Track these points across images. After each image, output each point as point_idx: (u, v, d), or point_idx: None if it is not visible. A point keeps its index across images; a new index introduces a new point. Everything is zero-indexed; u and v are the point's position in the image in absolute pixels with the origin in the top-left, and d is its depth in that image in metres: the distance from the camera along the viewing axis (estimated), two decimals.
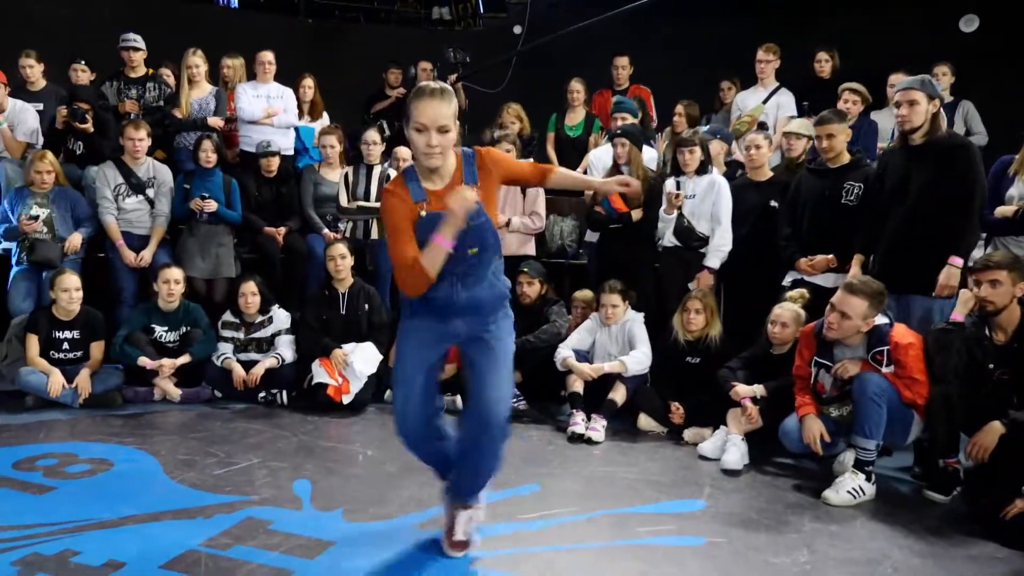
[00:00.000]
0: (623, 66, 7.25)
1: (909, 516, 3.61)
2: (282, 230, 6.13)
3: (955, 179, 4.18)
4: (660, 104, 7.18)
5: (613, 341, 4.91)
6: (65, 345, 5.04)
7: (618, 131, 5.34)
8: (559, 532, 3.35)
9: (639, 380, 4.82)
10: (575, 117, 7.05)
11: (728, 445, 4.19)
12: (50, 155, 5.58)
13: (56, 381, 4.83)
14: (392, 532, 3.28)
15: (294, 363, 5.28)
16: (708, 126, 6.35)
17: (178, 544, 3.10)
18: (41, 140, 6.08)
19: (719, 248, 5.07)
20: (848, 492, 3.73)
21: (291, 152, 6.83)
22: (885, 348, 3.83)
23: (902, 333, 3.90)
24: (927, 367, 3.84)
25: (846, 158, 4.70)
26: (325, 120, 7.28)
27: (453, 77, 7.45)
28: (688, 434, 4.56)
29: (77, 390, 4.88)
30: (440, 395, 3.07)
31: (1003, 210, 4.52)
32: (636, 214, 5.20)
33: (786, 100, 6.46)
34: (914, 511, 3.68)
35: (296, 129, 6.92)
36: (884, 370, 3.82)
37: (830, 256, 4.67)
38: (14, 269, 5.49)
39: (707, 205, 5.10)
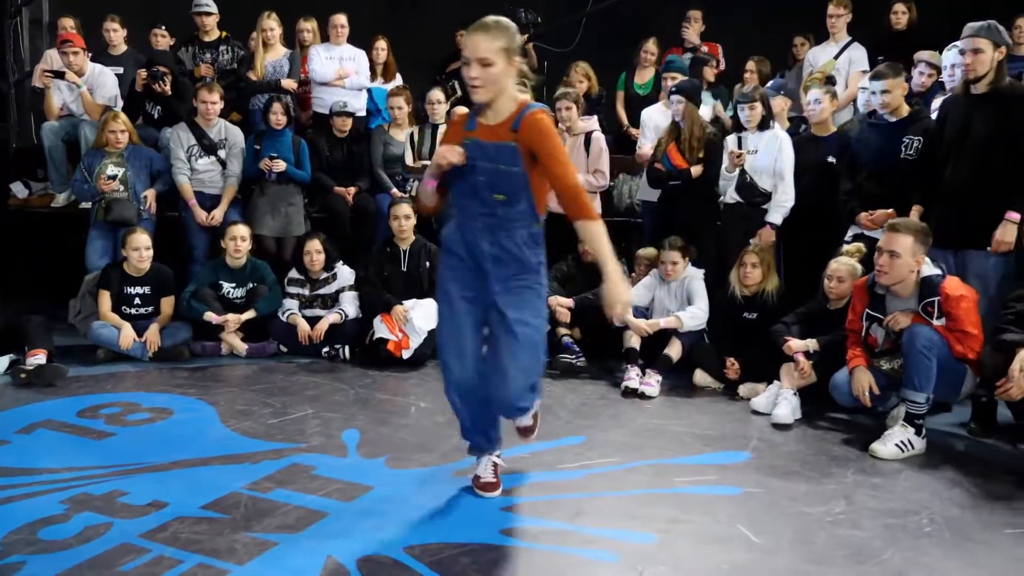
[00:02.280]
0: (696, 19, 7.08)
1: (957, 470, 3.52)
2: (352, 190, 6.14)
3: (1017, 131, 4.03)
4: (733, 61, 7.02)
5: (672, 298, 4.86)
6: (136, 301, 5.17)
7: (674, 89, 5.25)
8: (596, 480, 3.33)
9: (696, 336, 4.76)
10: (645, 75, 6.96)
11: (779, 399, 4.14)
12: (122, 115, 5.73)
13: (127, 335, 4.96)
14: (431, 478, 3.29)
15: (357, 319, 5.28)
16: (772, 82, 6.24)
17: (222, 487, 3.14)
18: (120, 104, 6.24)
19: (781, 204, 5.00)
20: (896, 445, 3.64)
21: (363, 113, 6.82)
22: (936, 299, 3.70)
23: (954, 285, 3.76)
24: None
25: (905, 111, 4.58)
26: (398, 81, 7.24)
27: (523, 37, 7.30)
28: (743, 389, 4.50)
29: (146, 344, 4.99)
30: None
31: None
32: (696, 170, 5.12)
33: (858, 55, 6.20)
34: (963, 466, 3.58)
35: (368, 90, 6.91)
36: (935, 323, 3.70)
37: (890, 210, 4.50)
38: (92, 228, 5.65)
39: (769, 161, 5.01)
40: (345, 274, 5.41)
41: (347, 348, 5.18)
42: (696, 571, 2.62)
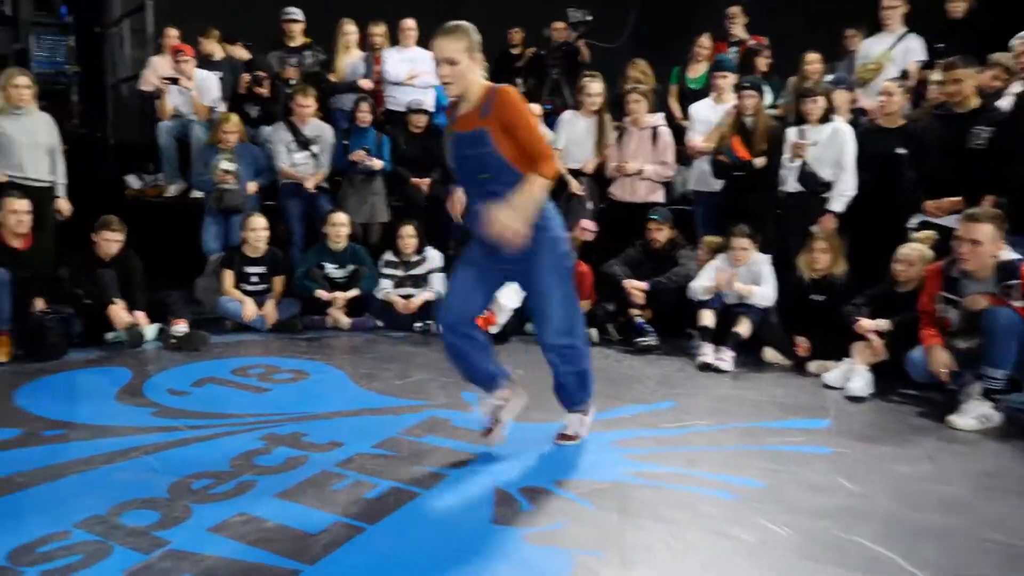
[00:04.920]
0: (735, 15, 7.38)
1: None
2: (426, 180, 6.75)
3: None
4: (783, 53, 7.19)
5: (741, 280, 5.24)
6: (253, 279, 5.87)
7: (746, 83, 5.65)
8: (695, 438, 3.84)
9: (763, 315, 5.16)
10: (698, 70, 7.22)
11: (853, 374, 4.47)
12: (235, 116, 6.40)
13: (249, 308, 5.67)
14: (551, 432, 3.80)
15: None
16: (832, 76, 6.46)
17: (380, 432, 3.78)
18: (223, 105, 6.92)
19: (843, 193, 5.29)
20: (975, 418, 3.90)
21: (433, 109, 7.44)
22: (1016, 282, 3.94)
23: None
24: None
25: (974, 102, 4.79)
26: None
27: (575, 35, 7.88)
28: (813, 366, 4.84)
29: (265, 317, 5.69)
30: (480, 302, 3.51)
31: None
32: (760, 162, 5.51)
33: (915, 45, 6.27)
34: None
35: (435, 88, 7.51)
36: (1016, 304, 3.93)
37: (957, 199, 4.76)
38: (206, 215, 6.35)
39: (830, 152, 5.30)
40: (434, 256, 6.09)
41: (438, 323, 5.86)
42: (804, 510, 3.01)
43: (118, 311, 5.15)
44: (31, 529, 2.74)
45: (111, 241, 5.35)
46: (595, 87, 6.22)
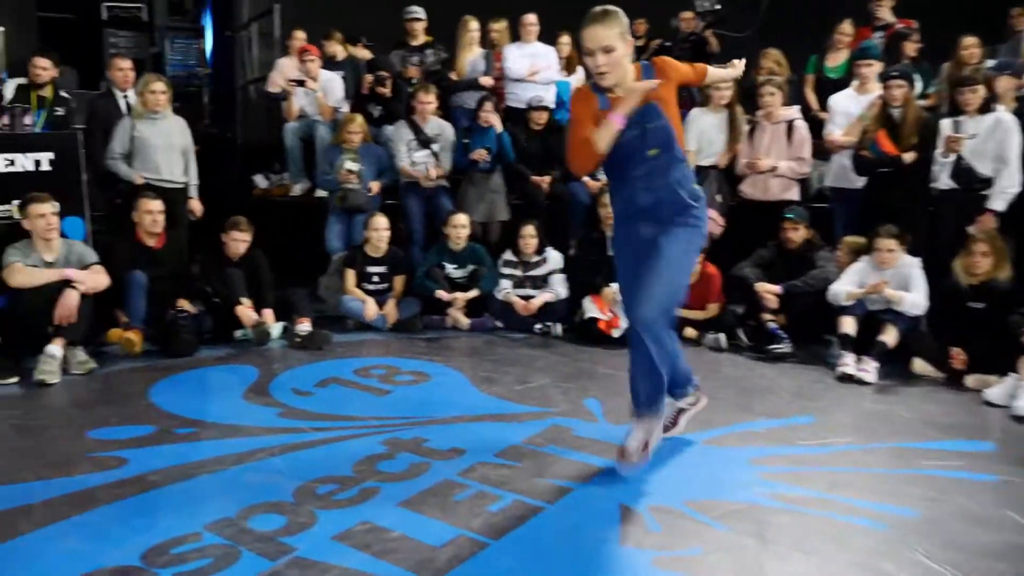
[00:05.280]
0: None
1: None
2: (547, 179, 6.64)
3: None
4: (934, 36, 6.79)
5: (888, 287, 4.87)
6: (375, 278, 5.89)
7: (894, 72, 5.27)
8: (838, 457, 3.56)
9: (911, 323, 4.80)
10: (838, 58, 6.88)
11: (1020, 391, 4.09)
12: (359, 117, 6.45)
13: (371, 308, 5.69)
14: (682, 444, 3.66)
15: (567, 299, 5.81)
16: (995, 60, 6.02)
17: (503, 440, 3.68)
18: (346, 105, 7.00)
19: (1005, 190, 4.92)
20: None
21: (554, 106, 7.31)
22: None
23: None
24: None
25: None
26: (580, 74, 7.70)
27: (703, 24, 7.58)
28: (971, 380, 4.47)
29: (386, 316, 5.70)
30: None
31: None
32: (909, 157, 5.13)
33: None
34: None
35: (557, 84, 7.38)
36: None
37: None
38: (330, 214, 6.43)
39: (991, 145, 4.94)
40: (554, 257, 5.96)
41: (558, 325, 5.73)
42: (969, 547, 2.72)
43: (245, 310, 5.27)
44: (164, 529, 2.78)
45: (239, 241, 5.48)
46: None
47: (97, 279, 4.76)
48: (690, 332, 5.43)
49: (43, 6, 9.40)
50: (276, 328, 5.36)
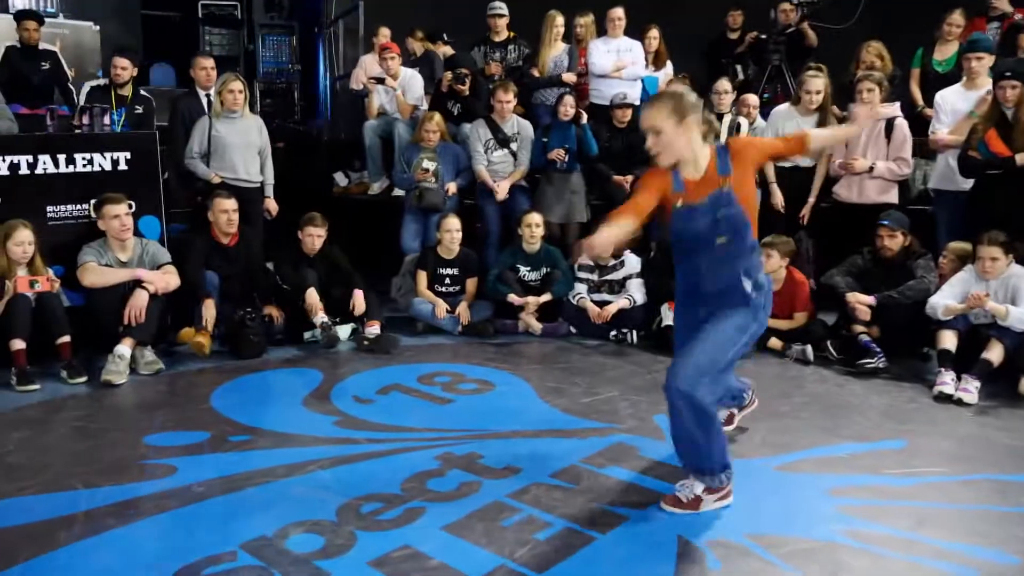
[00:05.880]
0: None
1: None
2: (629, 178, 6.39)
3: None
4: None
5: (993, 297, 4.52)
6: (447, 280, 5.79)
7: (1007, 72, 4.84)
8: (928, 490, 3.27)
9: (1018, 339, 4.40)
10: (947, 51, 6.48)
11: None
12: (437, 116, 6.36)
13: (441, 309, 5.60)
14: (755, 470, 3.41)
15: (644, 305, 5.57)
16: None
17: (562, 458, 3.51)
18: (425, 104, 6.93)
19: None
20: None
21: (639, 103, 7.06)
22: None
23: None
24: None
25: None
26: (669, 69, 7.42)
27: (799, 16, 7.19)
28: None
29: (457, 318, 5.59)
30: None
31: None
32: (1021, 158, 4.73)
33: None
34: None
35: (644, 80, 7.13)
36: None
37: None
38: (406, 214, 6.37)
39: None
40: (632, 262, 5.72)
41: (634, 332, 5.50)
42: None
43: (313, 295, 5.21)
44: (200, 546, 2.73)
45: (314, 236, 5.46)
46: (816, 83, 5.68)
47: (168, 280, 4.82)
48: (775, 343, 5.15)
49: (147, 4, 9.71)
50: (344, 331, 5.33)
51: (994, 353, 4.37)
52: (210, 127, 5.69)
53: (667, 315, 5.33)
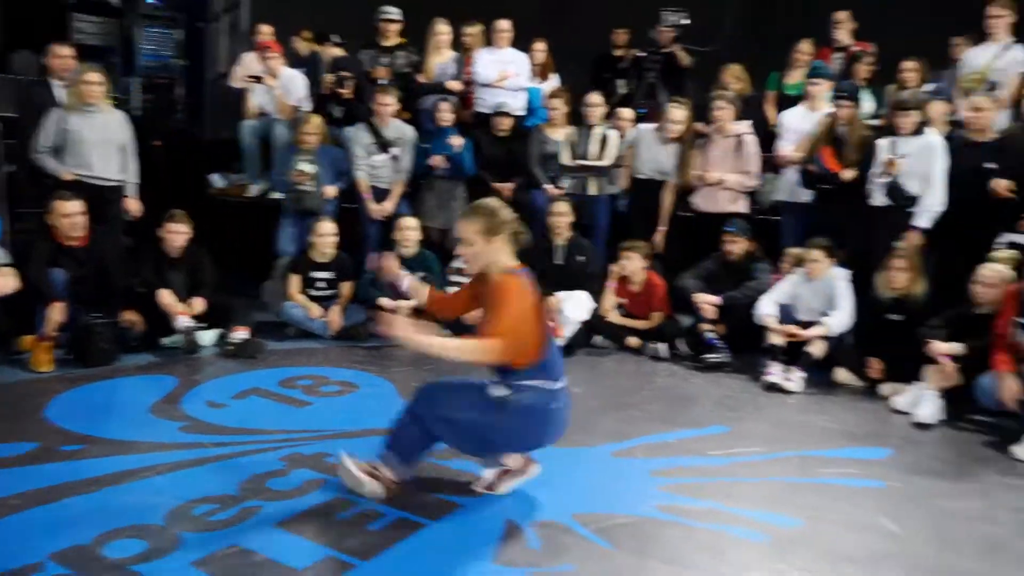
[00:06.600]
0: (842, 20, 6.96)
1: None
2: (510, 186, 6.49)
3: None
4: (891, 60, 6.73)
5: (815, 296, 5.01)
6: (320, 284, 5.76)
7: (843, 92, 5.31)
8: (740, 468, 3.59)
9: (838, 335, 4.89)
10: (796, 76, 6.90)
11: (922, 399, 4.27)
12: (316, 118, 6.33)
13: (315, 309, 5.59)
14: (591, 456, 3.64)
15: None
16: (931, 85, 6.16)
17: None
18: (308, 105, 6.85)
19: (930, 208, 5.06)
20: None
21: (523, 113, 7.16)
22: None
23: None
24: None
25: None
26: (554, 81, 7.55)
27: (670, 38, 7.42)
28: (886, 389, 4.63)
29: (328, 323, 5.54)
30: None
31: None
32: (848, 175, 5.22)
33: (1021, 56, 5.85)
34: None
35: (528, 90, 7.22)
36: None
37: None
38: (283, 217, 6.28)
39: (920, 165, 5.06)
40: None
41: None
42: (839, 556, 2.85)
43: (168, 296, 5.02)
44: (2, 560, 2.59)
45: (176, 234, 5.21)
46: (677, 114, 5.97)
47: (2, 282, 4.46)
48: (633, 341, 5.46)
49: None
50: (209, 335, 5.20)
51: (816, 347, 4.84)
52: (62, 121, 5.37)
53: None
